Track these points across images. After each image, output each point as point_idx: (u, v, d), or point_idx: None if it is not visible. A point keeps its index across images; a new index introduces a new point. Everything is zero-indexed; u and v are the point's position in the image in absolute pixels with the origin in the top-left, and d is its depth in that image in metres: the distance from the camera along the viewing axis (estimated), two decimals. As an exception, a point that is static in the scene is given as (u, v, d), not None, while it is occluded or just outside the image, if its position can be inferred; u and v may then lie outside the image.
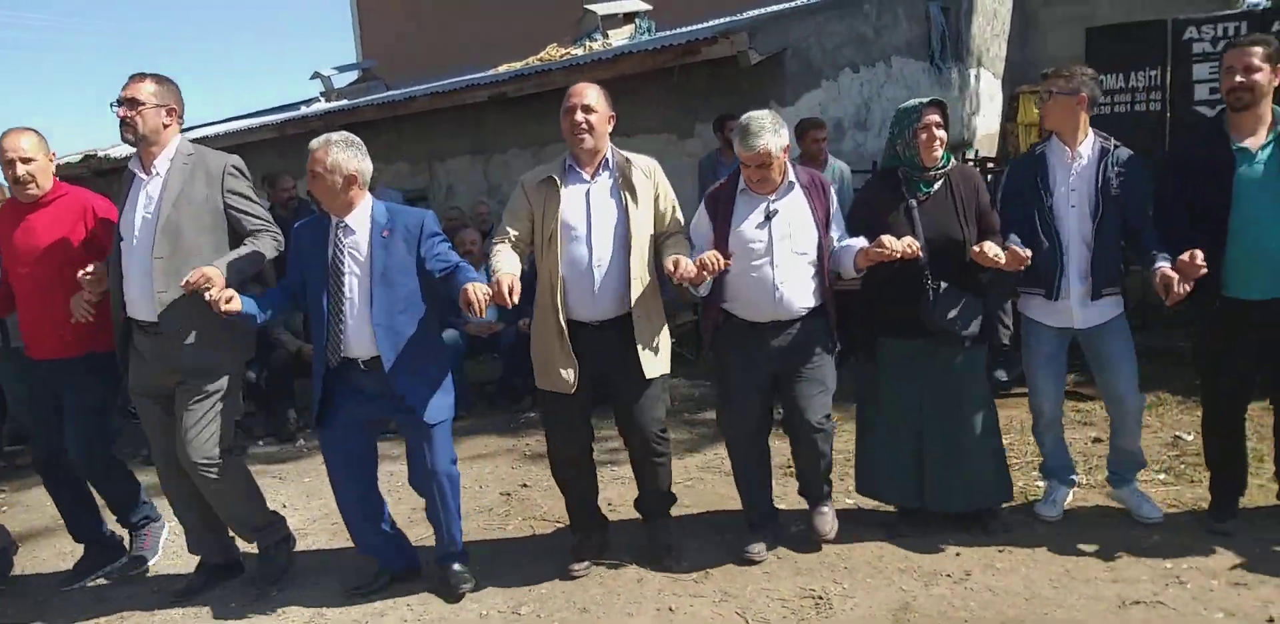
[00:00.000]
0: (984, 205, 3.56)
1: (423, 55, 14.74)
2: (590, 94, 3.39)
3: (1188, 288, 3.21)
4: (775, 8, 8.90)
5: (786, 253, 3.45)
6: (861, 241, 3.42)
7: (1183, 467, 4.18)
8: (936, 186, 3.54)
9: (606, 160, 3.46)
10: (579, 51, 9.72)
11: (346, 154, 3.28)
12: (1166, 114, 6.01)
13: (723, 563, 3.60)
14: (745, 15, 9.17)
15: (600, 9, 10.61)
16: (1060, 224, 3.52)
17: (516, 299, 3.11)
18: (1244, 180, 3.34)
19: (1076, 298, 3.54)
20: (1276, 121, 3.36)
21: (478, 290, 3.09)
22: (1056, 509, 3.78)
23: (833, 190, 3.59)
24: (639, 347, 3.40)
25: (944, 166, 3.54)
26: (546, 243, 3.40)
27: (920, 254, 3.32)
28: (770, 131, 3.33)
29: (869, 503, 3.98)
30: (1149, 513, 3.66)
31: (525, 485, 4.68)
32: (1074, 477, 3.89)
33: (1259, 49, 3.29)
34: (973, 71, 10.69)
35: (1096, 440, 4.63)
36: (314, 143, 3.30)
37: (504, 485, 4.70)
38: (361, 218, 3.35)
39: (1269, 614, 2.95)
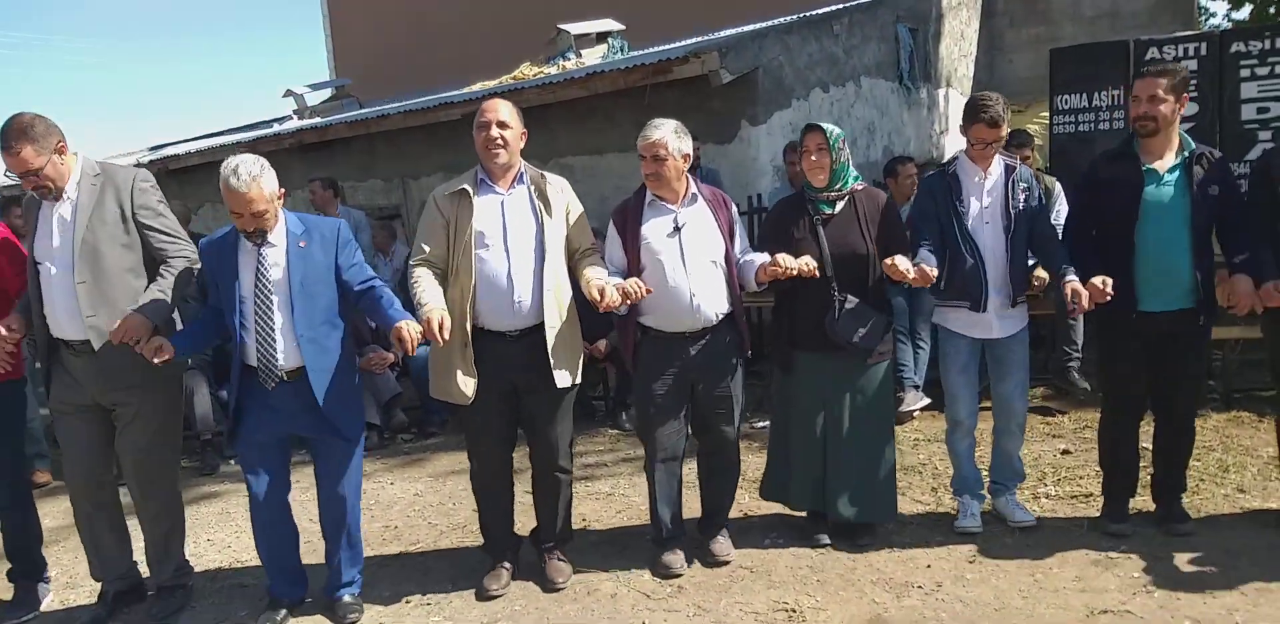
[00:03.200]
0: (889, 223, 3.67)
1: (396, 73, 14.77)
2: (504, 110, 3.42)
3: (1091, 306, 3.40)
4: (747, 27, 9.00)
5: (698, 262, 3.52)
6: (765, 257, 3.52)
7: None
8: (841, 206, 3.66)
9: (521, 175, 3.49)
10: (552, 70, 9.77)
11: (269, 178, 3.20)
12: (1129, 132, 6.13)
13: (696, 577, 3.60)
14: (717, 35, 9.28)
15: (573, 28, 10.68)
16: (978, 239, 3.67)
17: (447, 335, 3.14)
18: (1151, 200, 3.49)
19: (995, 309, 3.69)
20: (1184, 146, 3.55)
21: (410, 328, 3.12)
22: (977, 520, 3.88)
23: (734, 206, 3.73)
24: (550, 357, 3.41)
25: (844, 188, 3.65)
26: (461, 253, 3.39)
27: (818, 273, 3.44)
28: (670, 131, 3.47)
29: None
30: (1021, 518, 3.84)
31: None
32: (983, 493, 4.00)
33: (1164, 80, 3.45)
34: (941, 91, 10.84)
35: (1065, 452, 4.70)
36: (239, 183, 3.12)
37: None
38: (279, 231, 3.31)
39: (1234, 621, 2.99)
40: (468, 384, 3.40)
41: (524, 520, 3.85)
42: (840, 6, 9.11)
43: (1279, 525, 3.67)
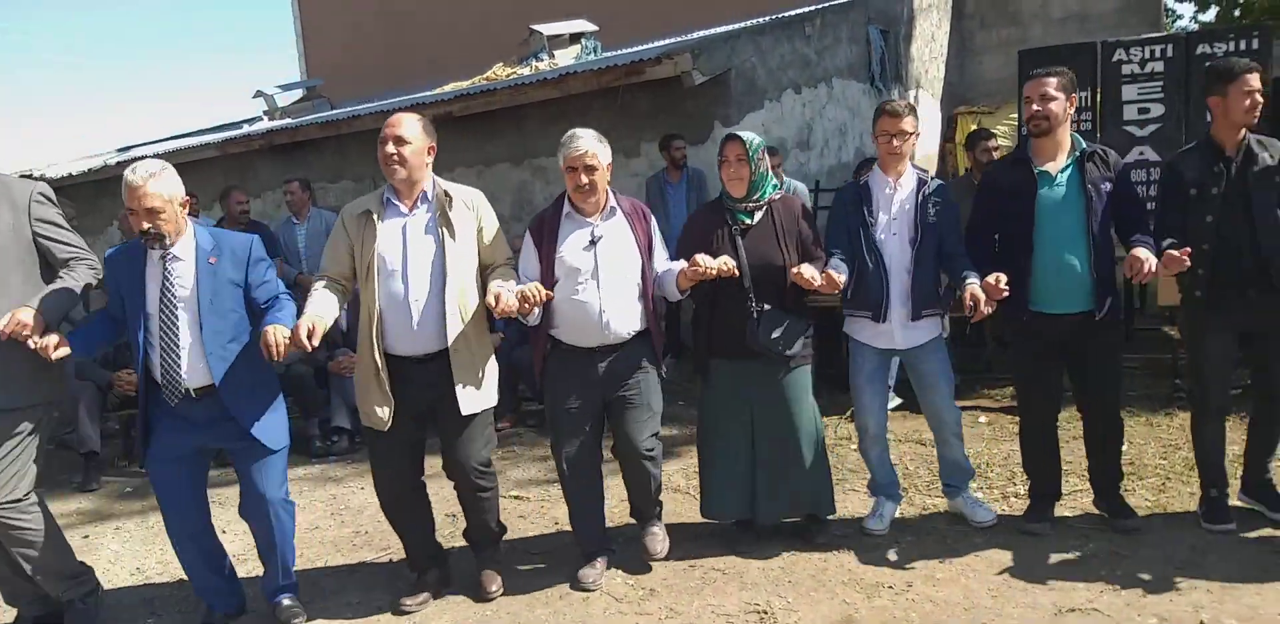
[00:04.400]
0: (805, 233, 3.68)
1: (368, 75, 14.69)
2: (405, 124, 3.32)
3: (990, 308, 3.46)
4: (720, 29, 9.02)
5: (612, 277, 3.49)
6: (682, 264, 3.51)
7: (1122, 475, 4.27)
8: (759, 216, 3.66)
9: (425, 193, 3.40)
10: (525, 71, 9.75)
11: (169, 179, 3.15)
12: (1097, 134, 6.19)
13: (669, 579, 3.60)
14: (690, 36, 9.29)
15: (546, 29, 10.66)
16: (883, 250, 3.69)
17: (316, 342, 3.07)
18: (1045, 202, 3.56)
19: (898, 320, 3.71)
20: (1075, 147, 3.60)
21: (277, 333, 3.05)
22: (884, 523, 3.91)
23: (654, 219, 3.69)
24: (456, 382, 3.35)
25: (763, 198, 3.65)
26: (365, 276, 3.34)
27: (737, 272, 3.45)
28: (595, 140, 3.46)
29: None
30: (982, 517, 3.86)
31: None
32: (900, 493, 4.03)
33: (1054, 79, 3.51)
34: (912, 93, 10.91)
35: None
36: (134, 177, 3.08)
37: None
38: (187, 245, 3.24)
39: (1199, 618, 3.02)
40: (383, 410, 3.35)
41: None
42: (812, 8, 9.15)
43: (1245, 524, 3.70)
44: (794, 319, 3.61)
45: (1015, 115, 6.60)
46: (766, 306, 3.57)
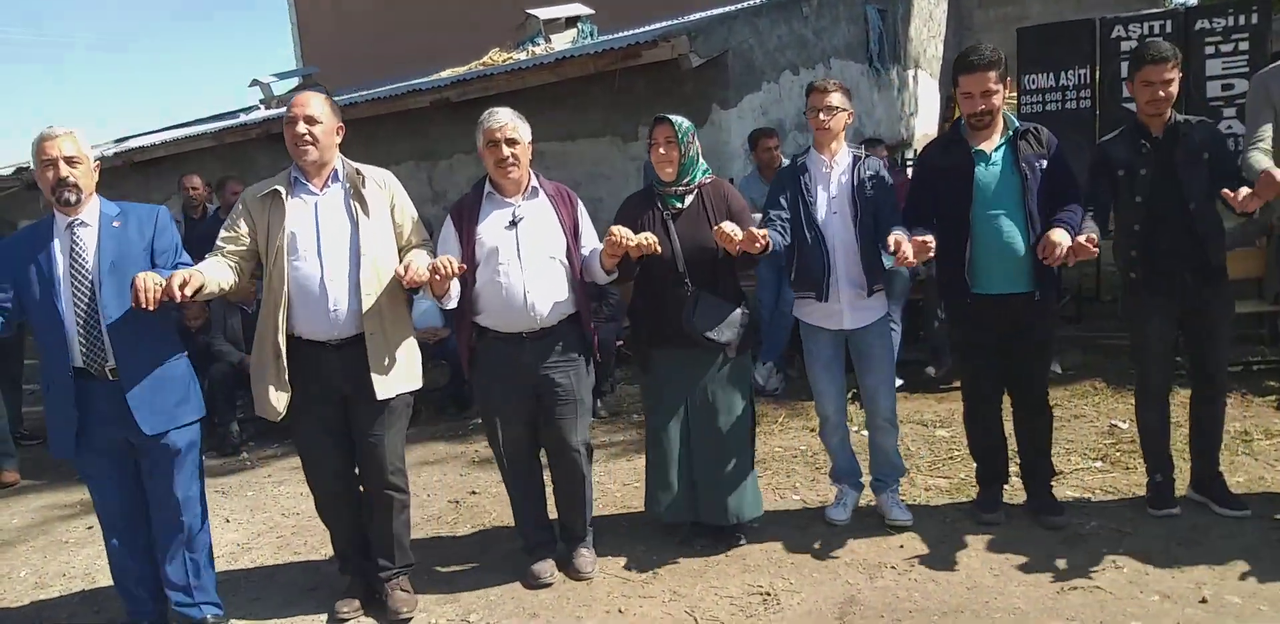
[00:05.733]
0: (734, 211, 3.60)
1: (364, 62, 14.62)
2: (314, 104, 3.24)
3: (917, 259, 3.36)
4: (716, 11, 8.96)
5: (535, 259, 3.42)
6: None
7: (1118, 454, 4.28)
8: (690, 200, 3.62)
9: (336, 172, 3.33)
10: (522, 56, 9.70)
11: (84, 139, 3.09)
12: (1096, 111, 6.16)
13: (671, 562, 3.61)
14: (687, 18, 9.23)
15: (542, 13, 10.60)
16: (825, 229, 3.65)
17: (189, 292, 2.90)
18: (982, 182, 3.53)
19: (846, 300, 3.67)
20: (1008, 126, 3.57)
21: (149, 278, 2.87)
22: (846, 512, 3.88)
23: (580, 202, 3.63)
24: (371, 366, 3.24)
25: (693, 182, 3.62)
26: (274, 259, 3.22)
27: (658, 249, 3.35)
28: (515, 115, 3.43)
29: (813, 500, 4.05)
30: (898, 516, 3.78)
31: (474, 492, 4.65)
32: (861, 480, 3.97)
33: (993, 73, 3.45)
34: (910, 73, 10.85)
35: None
36: (50, 131, 3.06)
37: (452, 493, 4.67)
38: (93, 212, 3.15)
39: (1202, 595, 3.03)
40: (279, 399, 3.21)
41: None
42: (809, -12, 9.07)
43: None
44: (729, 305, 3.55)
45: (1013, 94, 6.55)
46: (703, 294, 3.51)
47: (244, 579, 3.85)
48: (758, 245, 3.28)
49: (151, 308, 2.88)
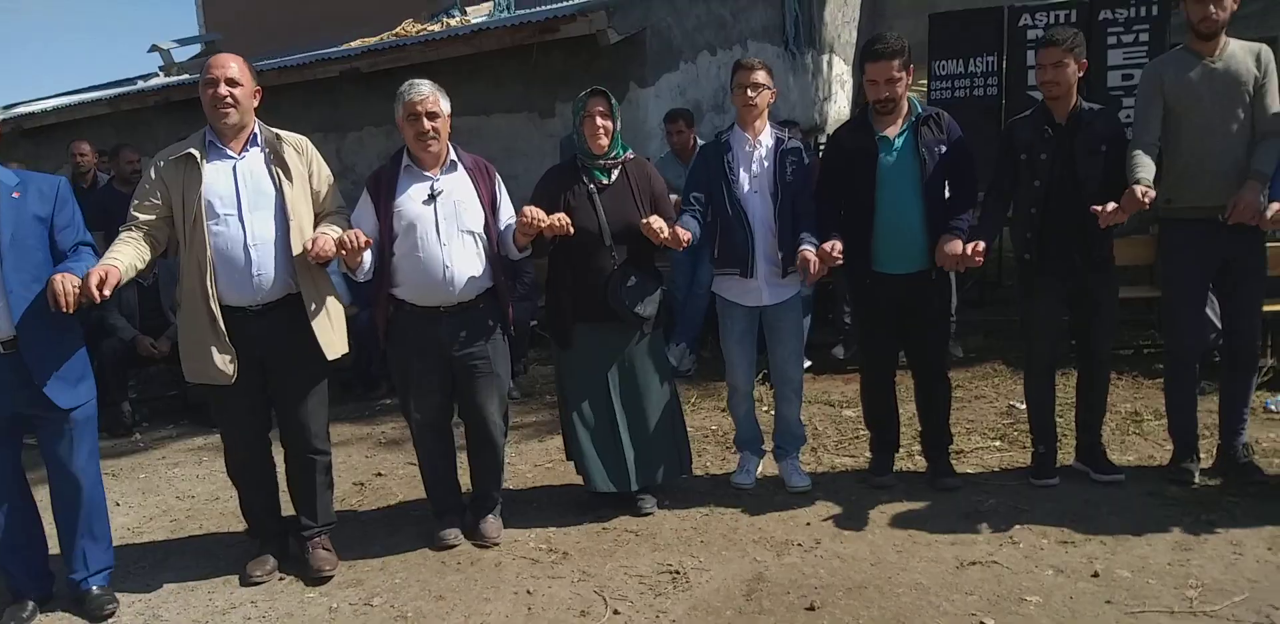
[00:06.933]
0: (658, 192, 3.70)
1: (271, 30, 14.11)
2: (233, 65, 3.19)
3: (825, 271, 3.57)
4: (634, -12, 8.88)
5: (454, 232, 3.42)
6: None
7: (1016, 433, 4.40)
8: (615, 175, 3.65)
9: (254, 136, 3.28)
10: (436, 28, 9.48)
11: None
12: (1003, 99, 6.30)
13: (581, 542, 3.60)
14: (604, -5, 9.13)
15: (457, -15, 10.38)
16: (747, 208, 3.74)
17: (109, 292, 2.88)
18: (885, 166, 3.66)
19: (764, 277, 3.77)
20: (911, 111, 3.69)
21: (66, 281, 2.86)
22: (750, 477, 4.04)
23: (498, 176, 3.64)
24: (315, 328, 3.24)
25: (618, 156, 3.66)
26: (191, 225, 3.14)
27: (571, 230, 3.41)
28: (435, 88, 3.42)
29: (723, 480, 4.07)
30: (797, 482, 3.94)
31: (379, 474, 4.56)
32: (763, 448, 4.12)
33: (896, 61, 3.57)
34: (825, 57, 10.95)
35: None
36: None
37: (357, 475, 4.57)
38: None
39: (1094, 569, 3.13)
40: (225, 362, 3.17)
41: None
42: (727, -32, 9.06)
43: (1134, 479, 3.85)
44: (651, 280, 3.64)
45: (924, 80, 6.65)
46: (628, 268, 3.58)
47: (141, 559, 3.71)
48: (682, 245, 3.45)
49: (70, 311, 2.88)
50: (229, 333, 3.19)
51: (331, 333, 3.33)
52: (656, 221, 3.42)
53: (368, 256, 3.30)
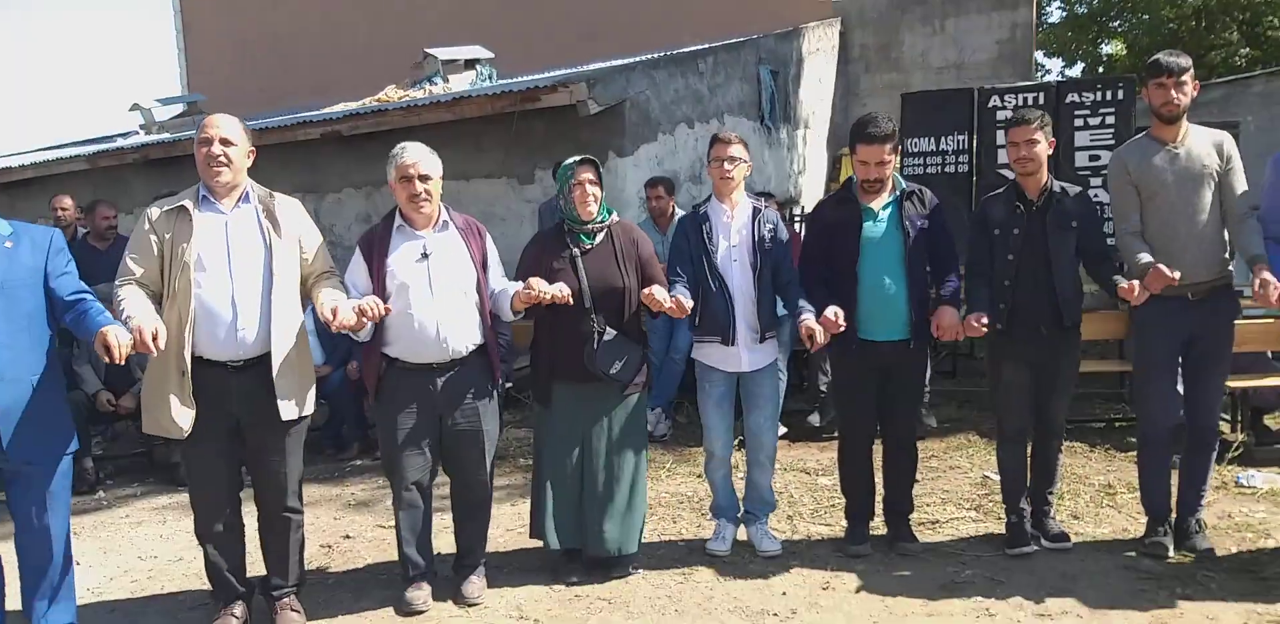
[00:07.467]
0: (644, 256, 3.76)
1: (252, 93, 14.31)
2: (228, 126, 3.24)
3: (827, 339, 3.61)
4: (616, 62, 9.12)
5: (447, 291, 3.46)
6: (519, 285, 3.52)
7: (990, 504, 4.40)
8: (599, 238, 3.72)
9: (247, 194, 3.32)
10: (418, 94, 9.64)
11: None
12: (973, 177, 6.46)
13: (553, 610, 3.53)
14: (586, 67, 9.36)
15: (441, 54, 10.58)
16: (726, 277, 3.82)
17: (162, 345, 2.92)
18: (869, 235, 3.77)
19: (744, 344, 3.83)
20: (895, 186, 3.82)
21: (118, 334, 2.86)
22: (726, 545, 4.01)
23: (488, 235, 3.70)
24: (277, 388, 3.22)
25: (604, 220, 3.74)
26: (179, 275, 3.16)
27: (571, 300, 3.47)
28: (427, 151, 3.48)
29: (698, 547, 4.02)
30: (768, 547, 3.95)
31: (348, 537, 4.46)
32: (738, 516, 4.11)
33: (888, 145, 3.70)
34: (800, 132, 11.22)
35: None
36: None
37: (325, 537, 4.47)
38: None
39: (1070, 643, 3.11)
40: (183, 416, 3.14)
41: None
42: (706, 46, 9.34)
43: (1110, 551, 3.85)
44: (632, 345, 3.67)
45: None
46: (608, 330, 3.61)
47: (101, 618, 3.59)
48: (685, 313, 3.52)
49: (121, 361, 2.88)
50: (207, 387, 3.17)
51: (294, 394, 3.28)
52: (660, 293, 3.48)
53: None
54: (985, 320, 3.61)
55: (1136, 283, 3.42)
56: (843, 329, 3.58)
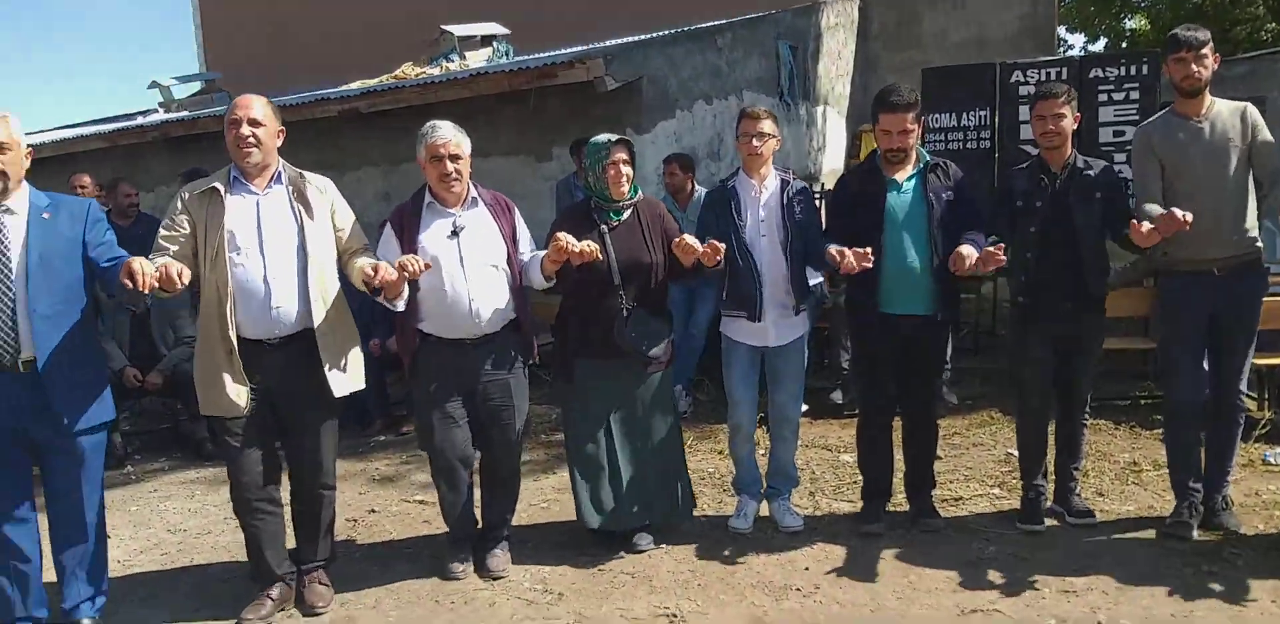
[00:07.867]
0: (669, 232, 3.74)
1: (270, 70, 14.25)
2: (257, 106, 3.24)
3: (855, 268, 3.47)
4: (632, 38, 9.05)
5: (478, 267, 3.48)
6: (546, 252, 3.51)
7: (1014, 481, 4.38)
8: (626, 215, 3.72)
9: (278, 174, 3.33)
10: (435, 71, 9.60)
11: (16, 125, 3.03)
12: (995, 152, 6.40)
13: (577, 583, 3.55)
14: (603, 44, 9.28)
15: (458, 30, 10.52)
16: (754, 251, 3.78)
17: (187, 281, 2.92)
18: (892, 207, 3.73)
19: (772, 319, 3.80)
20: (920, 159, 3.79)
21: (144, 264, 2.84)
22: (748, 521, 4.00)
23: (517, 210, 3.71)
24: (325, 364, 3.26)
25: (632, 198, 3.73)
26: (214, 256, 3.18)
27: (599, 256, 3.46)
28: (457, 129, 3.49)
29: (719, 523, 4.04)
30: (790, 522, 3.96)
31: (373, 511, 4.50)
32: (761, 491, 4.10)
33: (910, 113, 3.66)
34: (819, 109, 11.12)
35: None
36: None
37: (350, 511, 4.50)
38: (21, 200, 3.08)
39: (1097, 619, 3.11)
40: (240, 394, 3.19)
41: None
42: (724, 21, 9.25)
43: (1137, 528, 3.84)
44: (659, 320, 3.68)
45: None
46: (635, 306, 3.62)
47: (131, 591, 3.64)
48: (719, 258, 3.46)
49: (145, 289, 2.83)
50: (246, 364, 3.20)
51: (341, 370, 3.33)
52: (690, 238, 3.48)
53: (406, 285, 3.34)
54: (1003, 254, 3.47)
55: (1146, 223, 3.35)
56: (869, 262, 3.47)
